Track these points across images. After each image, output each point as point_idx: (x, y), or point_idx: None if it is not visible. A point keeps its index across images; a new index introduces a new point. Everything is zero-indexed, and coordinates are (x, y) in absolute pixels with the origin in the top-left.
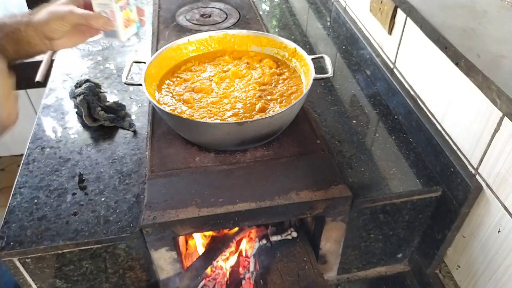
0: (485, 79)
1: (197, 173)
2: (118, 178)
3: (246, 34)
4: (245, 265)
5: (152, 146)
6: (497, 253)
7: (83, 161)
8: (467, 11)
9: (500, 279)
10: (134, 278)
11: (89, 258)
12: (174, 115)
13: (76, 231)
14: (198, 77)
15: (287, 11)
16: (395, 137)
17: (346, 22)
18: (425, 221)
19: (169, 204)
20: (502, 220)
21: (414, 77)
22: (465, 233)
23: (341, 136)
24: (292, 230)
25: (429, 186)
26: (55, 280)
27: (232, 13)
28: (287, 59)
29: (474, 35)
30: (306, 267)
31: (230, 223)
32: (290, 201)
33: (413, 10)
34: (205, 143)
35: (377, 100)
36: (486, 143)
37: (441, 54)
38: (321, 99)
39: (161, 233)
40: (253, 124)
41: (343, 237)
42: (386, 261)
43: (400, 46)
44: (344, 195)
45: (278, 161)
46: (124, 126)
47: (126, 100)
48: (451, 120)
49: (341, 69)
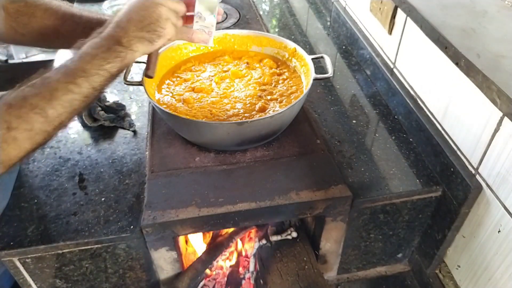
0: (485, 79)
1: (197, 173)
2: (118, 178)
3: (246, 34)
4: (245, 265)
5: (152, 146)
6: (497, 253)
7: (83, 161)
8: (467, 11)
9: (500, 279)
10: (134, 278)
11: (89, 258)
12: (174, 115)
13: (76, 231)
14: (198, 77)
15: (287, 11)
16: (395, 137)
17: (346, 22)
18: (425, 221)
19: (169, 204)
20: (502, 220)
21: (414, 77)
22: (465, 233)
23: (341, 136)
24: (292, 230)
25: (429, 186)
26: (55, 280)
27: (232, 13)
28: (287, 59)
29: (474, 35)
30: (306, 267)
31: (230, 223)
32: (290, 201)
33: (413, 10)
34: (205, 143)
35: (377, 100)
36: (486, 143)
37: (441, 54)
38: (321, 99)
39: (161, 233)
40: (253, 124)
41: (343, 237)
42: (386, 261)
43: (400, 46)
44: (344, 195)
45: (278, 161)
46: (124, 126)
47: (126, 100)
48: (451, 120)
49: (341, 69)
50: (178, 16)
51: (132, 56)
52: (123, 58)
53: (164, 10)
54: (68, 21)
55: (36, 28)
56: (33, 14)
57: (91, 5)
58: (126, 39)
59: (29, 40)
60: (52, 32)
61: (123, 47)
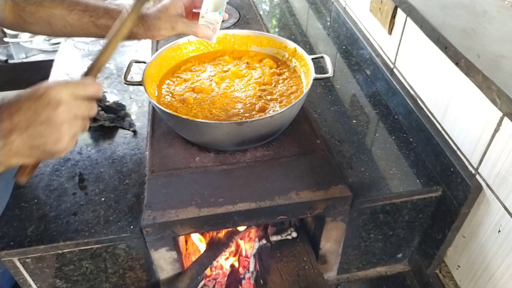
0: (485, 79)
1: (197, 173)
2: (118, 178)
3: (246, 34)
4: (245, 265)
5: (152, 146)
6: (497, 253)
7: (83, 161)
8: (467, 11)
9: (500, 279)
10: (134, 278)
11: (89, 258)
12: (174, 115)
13: (76, 231)
14: (198, 77)
15: (287, 11)
16: (395, 137)
17: (346, 22)
18: (425, 221)
19: (169, 204)
20: (502, 220)
21: (414, 77)
22: (465, 233)
23: (341, 136)
24: (292, 230)
25: (429, 186)
26: (55, 280)
27: (232, 13)
28: (287, 59)
29: (474, 35)
30: (306, 267)
31: (230, 223)
32: (290, 201)
33: (413, 10)
34: (205, 143)
35: (377, 100)
36: (486, 143)
37: (441, 54)
38: (321, 99)
39: (161, 233)
40: (253, 124)
41: (343, 237)
42: (386, 261)
43: (400, 46)
44: (344, 195)
45: (278, 161)
46: (124, 126)
47: (126, 100)
48: (451, 120)
49: (341, 69)
50: (89, 111)
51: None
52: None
53: (62, 109)
54: (75, 10)
55: (44, 17)
56: (40, 4)
57: None
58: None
59: (37, 29)
60: (60, 21)
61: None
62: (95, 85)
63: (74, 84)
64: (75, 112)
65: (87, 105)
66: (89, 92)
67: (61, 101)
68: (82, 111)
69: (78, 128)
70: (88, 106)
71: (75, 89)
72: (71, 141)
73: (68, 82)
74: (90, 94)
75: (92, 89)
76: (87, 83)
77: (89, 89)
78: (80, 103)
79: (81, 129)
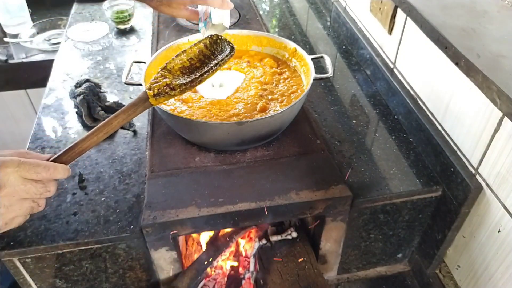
0: (485, 79)
1: (197, 173)
2: (118, 178)
3: (246, 34)
4: (245, 265)
5: (152, 146)
6: (497, 253)
7: (83, 161)
8: (467, 11)
9: (500, 279)
10: (134, 278)
11: (89, 258)
12: (174, 115)
13: (76, 231)
14: None
15: (287, 11)
16: (395, 137)
17: (346, 22)
18: (425, 221)
19: (169, 204)
20: (502, 220)
21: (414, 77)
22: (465, 233)
23: (341, 136)
24: (292, 230)
25: (429, 186)
26: (55, 280)
27: (232, 13)
28: (287, 59)
29: (474, 35)
30: (306, 267)
31: (230, 223)
32: (290, 201)
33: (413, 10)
34: (205, 143)
35: (377, 100)
36: (486, 143)
37: (441, 54)
38: (321, 99)
39: (161, 233)
40: (253, 124)
41: (343, 237)
42: (386, 261)
43: (400, 46)
44: (344, 195)
45: (278, 161)
46: (124, 126)
47: (126, 100)
48: (451, 120)
49: (341, 69)
50: (41, 194)
51: None
52: None
53: (4, 193)
54: None
55: None
56: None
57: (91, 5)
58: None
59: None
60: None
61: None
62: (56, 169)
63: (26, 166)
64: (21, 196)
65: (39, 188)
66: (42, 176)
67: (5, 184)
68: (30, 195)
69: (24, 210)
70: (41, 188)
71: (25, 173)
72: (14, 220)
73: (21, 163)
74: (44, 178)
75: (47, 173)
76: (44, 167)
77: (43, 173)
78: (29, 186)
79: (28, 210)
